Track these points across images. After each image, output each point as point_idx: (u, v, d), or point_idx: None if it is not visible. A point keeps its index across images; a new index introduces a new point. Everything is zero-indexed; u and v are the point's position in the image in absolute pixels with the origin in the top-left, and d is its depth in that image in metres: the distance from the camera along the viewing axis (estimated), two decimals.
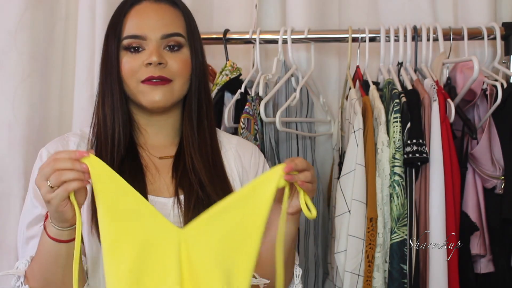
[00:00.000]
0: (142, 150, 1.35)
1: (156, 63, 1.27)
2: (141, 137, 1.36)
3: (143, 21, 1.30)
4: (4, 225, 1.93)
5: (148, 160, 1.33)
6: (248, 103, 1.80)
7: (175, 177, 1.32)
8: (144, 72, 1.28)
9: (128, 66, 1.29)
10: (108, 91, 1.31)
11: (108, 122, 1.31)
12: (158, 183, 1.31)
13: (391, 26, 1.95)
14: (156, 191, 1.30)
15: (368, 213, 1.65)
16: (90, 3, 1.99)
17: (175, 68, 1.30)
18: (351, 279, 1.64)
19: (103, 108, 1.32)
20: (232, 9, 2.20)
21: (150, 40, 1.29)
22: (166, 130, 1.37)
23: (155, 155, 1.35)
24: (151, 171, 1.32)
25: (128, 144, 1.32)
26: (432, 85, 1.73)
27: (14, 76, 1.92)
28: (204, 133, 1.36)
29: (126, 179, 1.19)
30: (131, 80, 1.30)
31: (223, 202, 1.13)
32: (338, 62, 2.20)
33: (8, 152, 1.92)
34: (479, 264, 1.80)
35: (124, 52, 1.30)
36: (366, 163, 1.68)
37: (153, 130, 1.37)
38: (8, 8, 1.91)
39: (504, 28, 1.95)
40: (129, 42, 1.29)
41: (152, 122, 1.36)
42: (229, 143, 1.43)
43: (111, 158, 1.28)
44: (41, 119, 1.99)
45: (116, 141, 1.30)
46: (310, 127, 2.05)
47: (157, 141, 1.37)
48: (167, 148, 1.37)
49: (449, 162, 1.68)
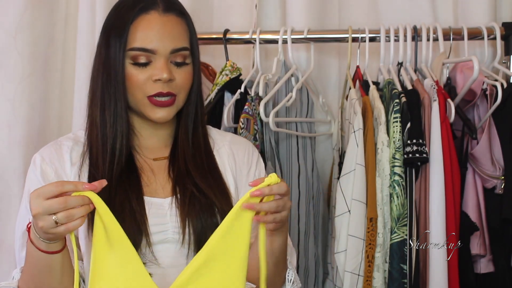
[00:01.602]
0: (136, 152, 1.35)
1: (166, 80, 1.27)
2: (136, 140, 1.36)
3: (152, 34, 1.27)
4: (4, 225, 1.93)
5: (143, 162, 1.33)
6: (248, 103, 1.80)
7: (171, 177, 1.33)
8: (153, 87, 1.27)
9: (135, 79, 1.28)
10: (111, 98, 1.29)
11: (108, 130, 1.29)
12: (153, 184, 1.32)
13: (391, 26, 1.95)
14: (151, 192, 1.30)
15: (368, 213, 1.65)
16: (90, 3, 1.99)
17: (180, 83, 1.30)
18: (351, 279, 1.64)
19: (102, 113, 1.30)
20: (232, 9, 2.20)
21: (159, 55, 1.27)
22: (160, 133, 1.38)
23: (149, 156, 1.35)
24: (146, 173, 1.32)
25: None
26: (432, 85, 1.73)
27: (14, 76, 1.92)
28: (199, 139, 1.37)
29: (122, 182, 1.21)
30: (137, 92, 1.28)
31: (200, 255, 1.13)
32: (338, 62, 2.20)
33: (8, 152, 1.92)
34: (479, 264, 1.80)
35: (130, 64, 1.28)
36: (366, 163, 1.68)
37: (147, 133, 1.37)
38: (8, 8, 1.91)
39: (504, 28, 1.95)
40: (137, 55, 1.27)
41: (147, 127, 1.36)
42: (222, 140, 1.43)
43: (109, 167, 1.27)
44: (41, 119, 1.99)
45: (117, 151, 1.29)
46: (310, 127, 2.05)
47: (151, 143, 1.37)
48: (161, 150, 1.37)
49: (449, 162, 1.68)
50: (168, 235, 1.27)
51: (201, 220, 1.26)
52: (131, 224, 1.21)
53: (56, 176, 1.30)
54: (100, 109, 1.30)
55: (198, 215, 1.26)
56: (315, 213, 1.96)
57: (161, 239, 1.26)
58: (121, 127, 1.29)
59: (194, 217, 1.26)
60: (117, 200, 1.23)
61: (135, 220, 1.23)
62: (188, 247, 1.26)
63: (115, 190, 1.24)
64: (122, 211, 1.21)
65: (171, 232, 1.27)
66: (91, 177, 1.28)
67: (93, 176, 1.27)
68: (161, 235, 1.26)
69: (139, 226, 1.23)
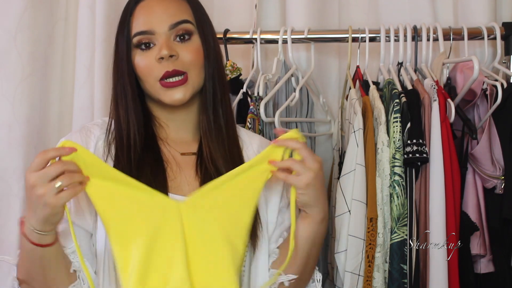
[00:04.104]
0: (163, 145, 1.33)
1: (167, 56, 1.25)
2: (163, 132, 1.35)
3: (149, 16, 1.28)
4: (4, 225, 1.93)
5: (169, 155, 1.32)
6: (253, 103, 1.80)
7: (199, 175, 1.30)
8: (159, 68, 1.26)
9: (142, 65, 1.28)
10: (121, 92, 1.30)
11: (123, 123, 1.30)
12: (178, 179, 1.29)
13: (391, 26, 1.95)
14: (176, 188, 1.28)
15: (368, 213, 1.65)
16: (90, 3, 1.99)
17: (187, 59, 1.28)
18: (351, 279, 1.64)
19: (116, 110, 1.31)
20: (232, 9, 2.21)
21: (158, 33, 1.27)
22: (187, 126, 1.36)
23: (178, 150, 1.33)
24: (172, 167, 1.30)
25: (150, 139, 1.31)
26: (432, 85, 1.73)
27: (14, 76, 1.92)
28: (219, 121, 1.33)
29: (146, 175, 1.23)
30: (148, 78, 1.28)
31: (220, 177, 1.21)
32: (338, 62, 2.20)
33: (8, 152, 1.92)
34: (479, 264, 1.80)
35: (136, 50, 1.29)
36: (366, 163, 1.68)
37: (174, 125, 1.35)
38: (8, 8, 1.91)
39: (504, 28, 1.95)
40: (139, 39, 1.28)
41: (173, 117, 1.35)
42: (250, 141, 1.41)
43: (127, 157, 1.27)
44: (41, 119, 1.99)
45: (132, 141, 1.28)
46: (310, 127, 2.05)
47: (178, 136, 1.35)
48: (189, 145, 1.35)
49: (449, 162, 1.68)
50: None
51: None
52: None
53: None
54: (114, 104, 1.32)
55: None
56: None
57: None
58: (132, 118, 1.29)
59: None
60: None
61: None
62: None
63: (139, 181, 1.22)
64: None
65: None
66: (115, 161, 1.27)
67: (116, 163, 1.27)
68: None
69: None
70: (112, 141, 1.31)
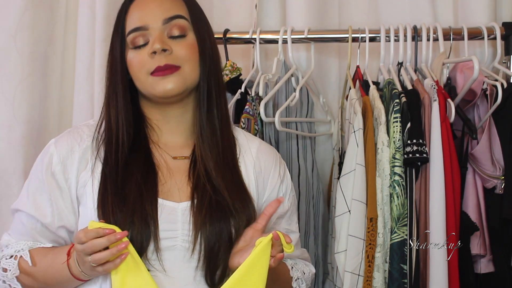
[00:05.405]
0: (154, 148, 1.30)
1: (159, 50, 1.24)
2: (154, 135, 1.32)
3: (142, 11, 1.27)
4: (4, 225, 1.93)
5: (160, 159, 1.28)
6: (249, 103, 1.80)
7: (191, 180, 1.27)
8: (151, 63, 1.24)
9: (135, 61, 1.26)
10: (113, 92, 1.29)
11: (113, 123, 1.28)
12: (169, 184, 1.26)
13: (391, 26, 1.95)
14: (166, 193, 1.25)
15: (368, 213, 1.65)
16: (90, 3, 1.99)
17: (181, 54, 1.26)
18: (351, 279, 1.64)
19: (107, 109, 1.30)
20: (232, 9, 2.20)
21: (152, 28, 1.26)
22: (181, 128, 1.32)
23: (170, 154, 1.30)
24: (163, 171, 1.27)
25: (141, 141, 1.29)
26: (432, 85, 1.73)
27: (14, 76, 1.92)
28: (214, 121, 1.30)
29: (136, 178, 1.21)
30: (140, 73, 1.26)
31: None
32: (338, 62, 2.20)
33: (8, 152, 1.92)
34: (479, 264, 1.80)
35: (131, 50, 1.28)
36: (366, 163, 1.68)
37: (167, 127, 1.32)
38: (8, 8, 1.91)
39: (504, 28, 1.95)
40: (134, 36, 1.27)
41: (167, 119, 1.32)
42: (249, 145, 1.37)
43: (115, 159, 1.25)
44: (41, 119, 1.99)
45: (120, 141, 1.26)
46: (310, 127, 2.05)
47: (171, 139, 1.32)
48: (182, 148, 1.32)
49: (449, 162, 1.68)
50: (177, 242, 1.22)
51: (215, 232, 1.22)
52: (141, 227, 1.18)
53: (62, 166, 1.27)
54: (106, 103, 1.31)
55: (213, 226, 1.22)
56: (315, 213, 1.96)
57: (169, 245, 1.22)
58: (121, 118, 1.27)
59: (208, 227, 1.22)
60: (130, 199, 1.20)
61: (146, 224, 1.19)
62: (198, 259, 1.22)
63: (128, 185, 1.22)
64: (133, 213, 1.19)
65: (180, 240, 1.23)
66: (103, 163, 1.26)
67: (104, 165, 1.26)
68: (170, 241, 1.22)
69: (150, 230, 1.19)
70: (102, 142, 1.29)
